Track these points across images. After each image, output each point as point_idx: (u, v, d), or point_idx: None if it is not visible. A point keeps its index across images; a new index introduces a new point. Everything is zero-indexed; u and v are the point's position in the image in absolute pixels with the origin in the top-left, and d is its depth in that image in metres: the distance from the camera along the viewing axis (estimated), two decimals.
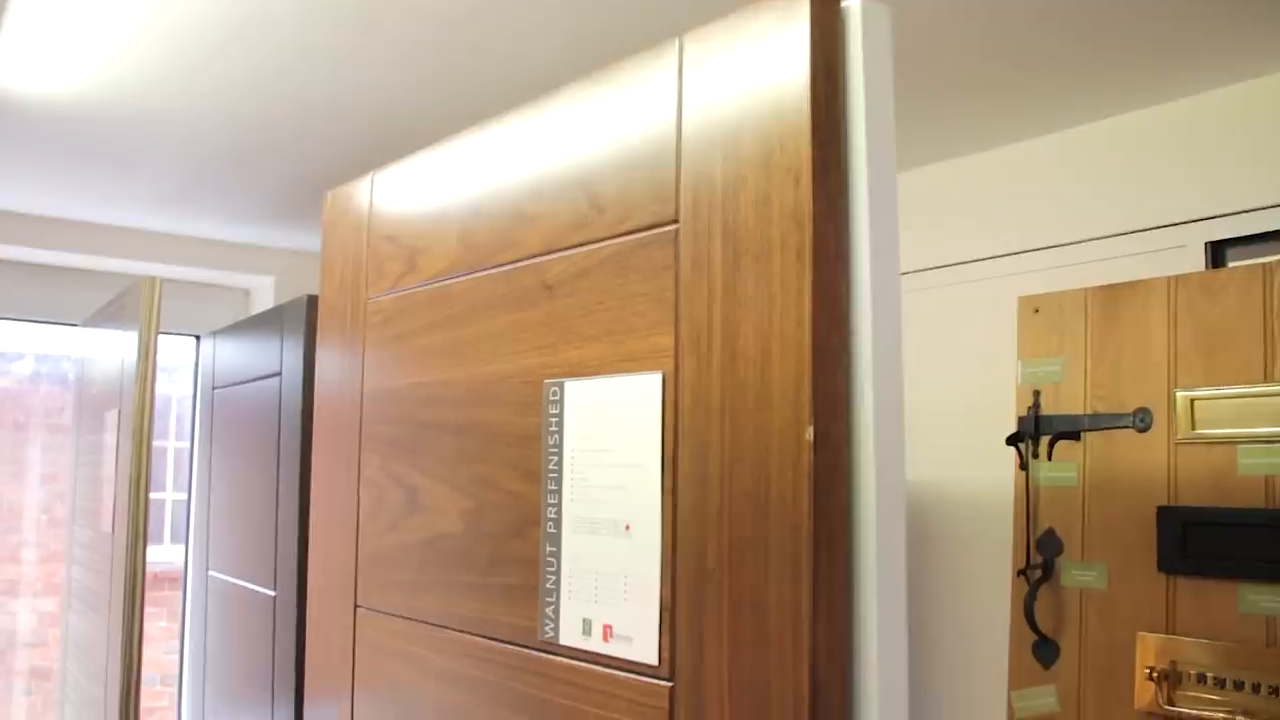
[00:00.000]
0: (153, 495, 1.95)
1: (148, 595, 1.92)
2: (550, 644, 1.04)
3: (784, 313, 0.87)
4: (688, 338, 0.94)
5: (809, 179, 0.87)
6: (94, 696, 2.09)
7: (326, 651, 1.40)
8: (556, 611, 1.03)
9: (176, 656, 3.07)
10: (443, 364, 1.22)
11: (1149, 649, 1.59)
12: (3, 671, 4.19)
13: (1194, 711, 1.55)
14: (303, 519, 1.89)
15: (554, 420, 1.05)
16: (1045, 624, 1.72)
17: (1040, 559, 1.73)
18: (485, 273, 1.17)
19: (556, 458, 1.04)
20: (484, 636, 1.12)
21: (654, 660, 0.94)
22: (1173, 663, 1.57)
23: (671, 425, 0.94)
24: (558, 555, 1.03)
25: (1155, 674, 1.58)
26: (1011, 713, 1.74)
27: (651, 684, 0.94)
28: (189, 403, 2.91)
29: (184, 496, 2.97)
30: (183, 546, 2.92)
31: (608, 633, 0.98)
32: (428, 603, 1.21)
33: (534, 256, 1.11)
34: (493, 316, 1.15)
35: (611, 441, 0.99)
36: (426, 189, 1.28)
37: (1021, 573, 1.74)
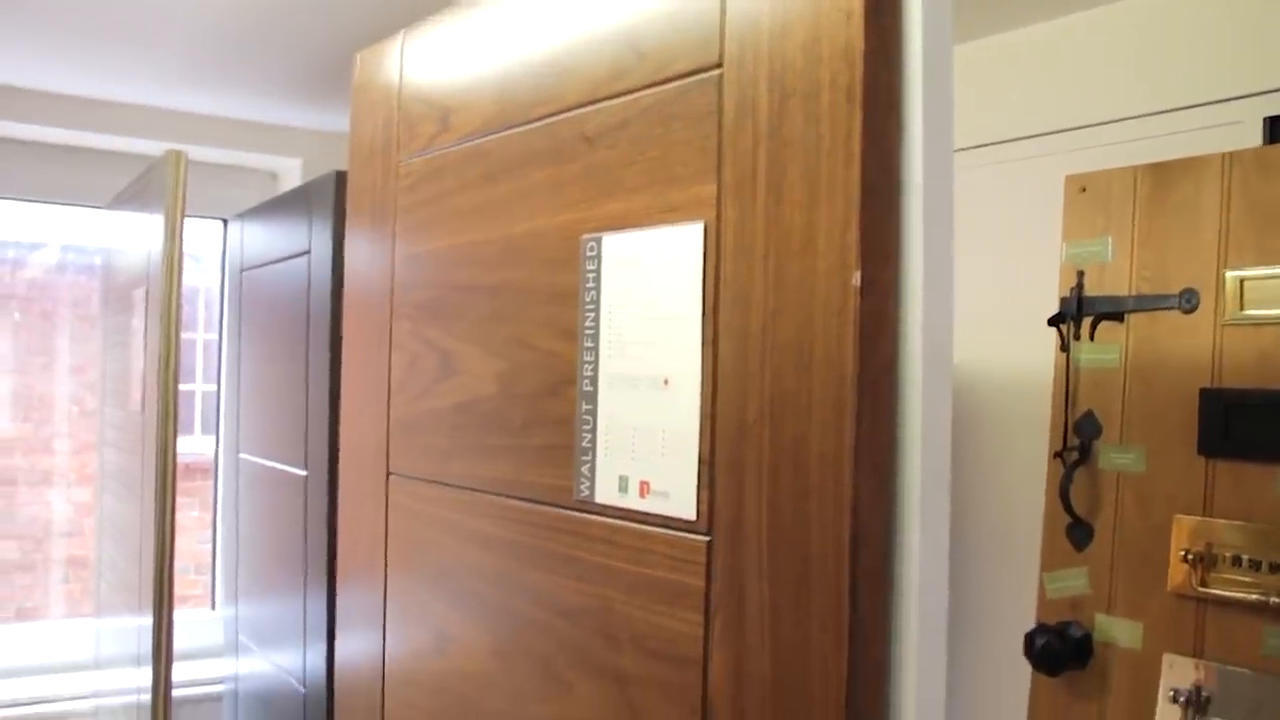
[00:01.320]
0: (182, 387, 1.95)
1: (180, 486, 1.93)
2: (585, 503, 1.03)
3: (832, 154, 0.84)
4: (731, 185, 0.91)
5: (860, 16, 0.83)
6: (129, 575, 2.12)
7: (359, 520, 1.40)
8: (592, 470, 1.02)
9: (209, 546, 3.11)
10: (476, 225, 1.19)
11: (1184, 531, 1.58)
12: (41, 560, 4.27)
13: (1227, 593, 1.54)
14: (333, 397, 1.88)
15: (591, 276, 1.03)
16: (1080, 506, 1.70)
17: (1078, 441, 1.70)
18: (521, 129, 1.14)
19: (593, 314, 1.02)
20: (518, 498, 1.11)
21: (692, 515, 0.92)
22: (1208, 545, 1.56)
23: (713, 276, 0.92)
24: (594, 413, 1.02)
25: (1190, 556, 1.56)
26: (1043, 594, 1.73)
27: (689, 539, 0.93)
28: (217, 294, 2.90)
29: (213, 387, 2.98)
30: (214, 437, 2.94)
31: (645, 489, 0.97)
32: (460, 467, 1.20)
33: (572, 109, 1.07)
34: (529, 173, 1.12)
35: (650, 295, 0.97)
36: (460, 46, 1.24)
37: (1058, 455, 1.72)
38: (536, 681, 1.08)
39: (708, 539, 0.91)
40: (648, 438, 0.96)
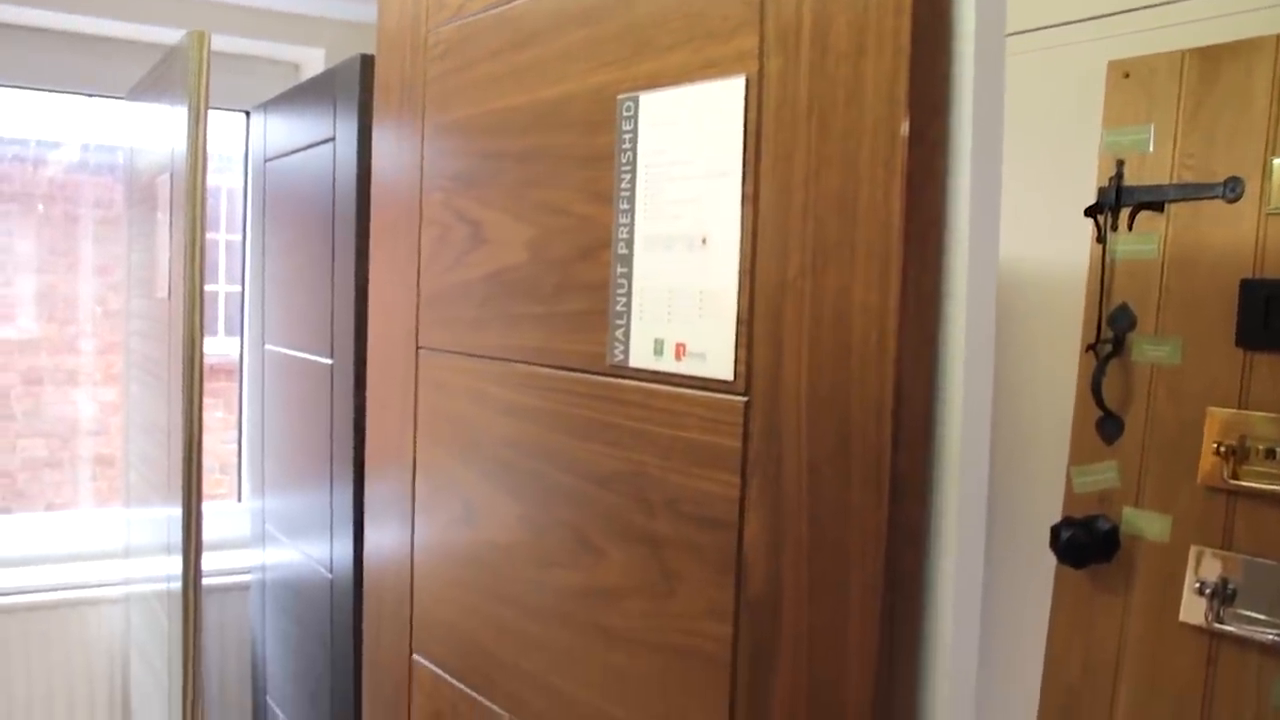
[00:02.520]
0: (206, 287, 1.94)
1: (205, 387, 1.93)
2: (619, 368, 1.02)
3: (881, 3, 0.81)
4: (774, 36, 0.88)
5: None
6: (158, 464, 2.14)
7: (388, 396, 1.39)
8: (626, 334, 1.00)
9: (234, 446, 3.13)
10: (507, 91, 1.17)
11: (1217, 424, 1.56)
12: (68, 458, 4.32)
13: (1259, 486, 1.52)
14: (360, 282, 1.87)
15: (627, 137, 1.00)
16: (1111, 400, 1.68)
17: (1111, 334, 1.68)
18: None
19: (629, 175, 1.00)
20: (549, 366, 1.10)
21: (729, 376, 0.91)
22: (1242, 438, 1.54)
23: (754, 130, 0.89)
24: (629, 276, 1.00)
25: (1222, 449, 1.55)
26: (1070, 488, 1.72)
27: (726, 400, 0.92)
28: (240, 194, 2.88)
29: (237, 288, 2.98)
30: (238, 337, 2.94)
31: (680, 351, 0.95)
32: (491, 338, 1.19)
33: None
34: (562, 35, 1.09)
35: (688, 154, 0.94)
36: None
37: (1090, 348, 1.70)
38: (567, 549, 1.08)
39: (745, 399, 0.90)
40: (684, 299, 0.95)
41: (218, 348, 4.23)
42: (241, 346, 2.76)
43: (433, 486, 1.29)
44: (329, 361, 2.04)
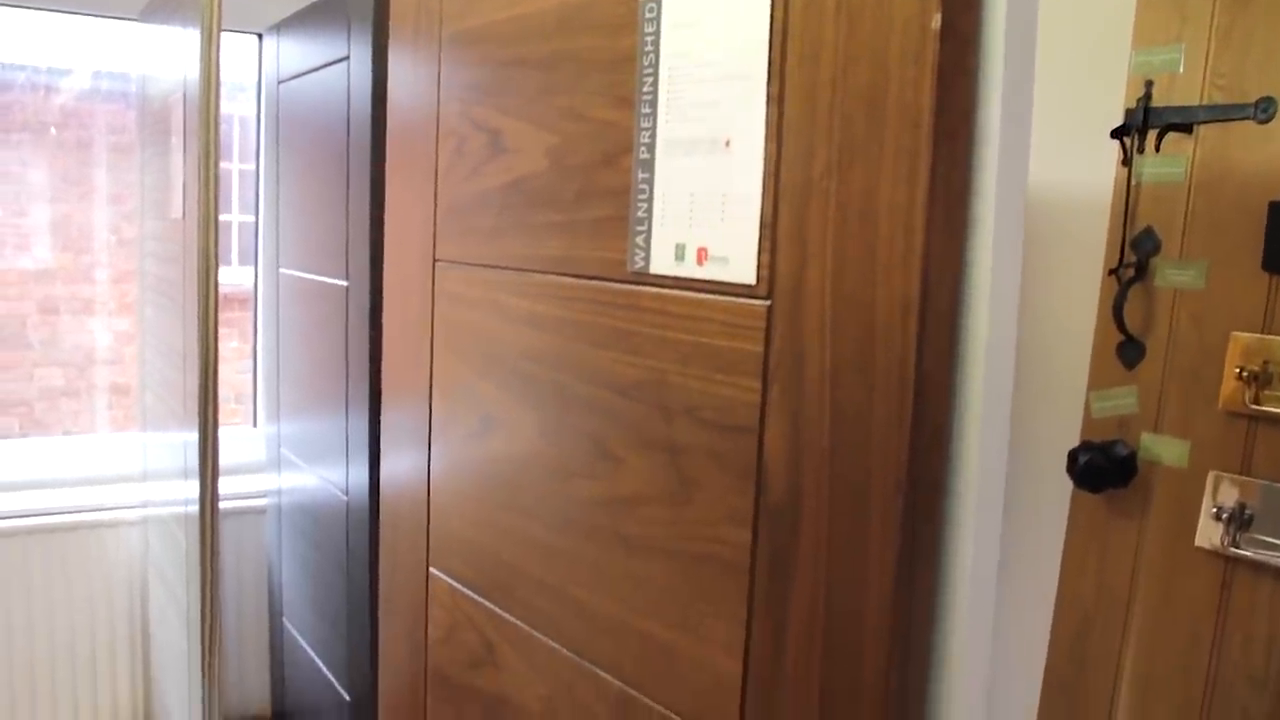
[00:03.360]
0: (220, 217, 1.93)
1: (220, 316, 1.93)
2: (640, 274, 1.01)
3: None
4: None
5: None
6: (174, 385, 2.14)
7: (405, 311, 1.39)
8: (647, 240, 0.99)
9: (250, 375, 3.14)
10: None
11: (1240, 348, 1.54)
12: (85, 387, 4.35)
13: None
14: (375, 201, 1.86)
15: (649, 39, 0.98)
16: (1133, 325, 1.67)
17: (1134, 258, 1.66)
18: None
19: (651, 78, 0.98)
20: (569, 275, 1.09)
21: (751, 280, 0.90)
22: (1264, 363, 1.52)
23: (780, 29, 0.87)
24: (650, 181, 0.98)
25: (1244, 374, 1.54)
26: (1088, 412, 1.71)
27: (747, 304, 0.91)
28: (252, 123, 2.85)
29: (251, 218, 2.96)
30: (252, 267, 2.93)
31: (702, 256, 0.94)
32: (509, 248, 1.18)
33: None
34: None
35: (712, 55, 0.92)
36: None
37: (1113, 272, 1.68)
38: (585, 458, 1.08)
39: (767, 303, 0.89)
40: (706, 203, 0.93)
41: (232, 277, 4.24)
42: (256, 273, 2.75)
43: (450, 401, 1.29)
44: (344, 284, 2.03)
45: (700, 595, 0.96)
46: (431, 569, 1.34)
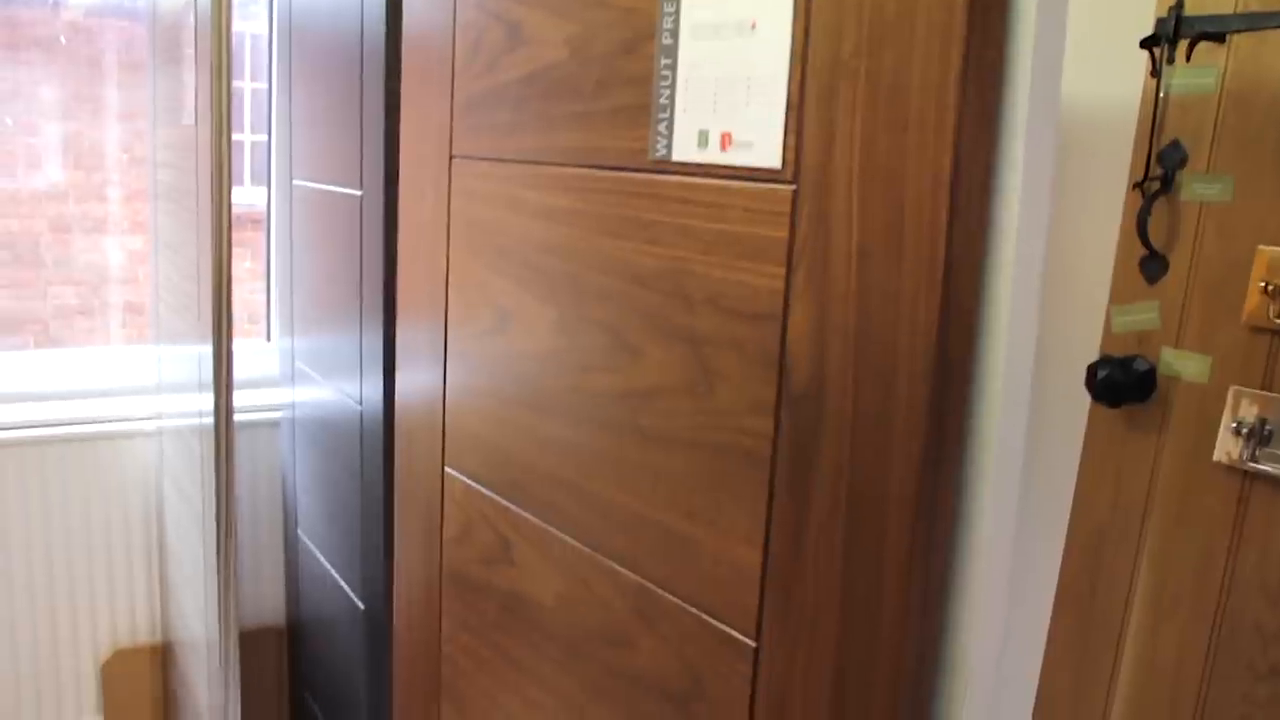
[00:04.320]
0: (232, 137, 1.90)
1: (234, 236, 1.91)
2: (661, 163, 0.99)
3: None
4: None
5: None
6: (187, 292, 2.14)
7: (419, 208, 1.37)
8: (670, 127, 0.97)
9: (263, 296, 3.13)
10: None
11: (1266, 262, 1.52)
12: (98, 306, 4.35)
13: None
14: (390, 102, 1.84)
15: None
16: (1156, 239, 1.65)
17: (1160, 172, 1.63)
18: None
19: None
20: (588, 166, 1.08)
21: (776, 164, 0.88)
22: None
23: None
24: (673, 67, 0.96)
25: (1270, 288, 1.52)
26: (1108, 327, 1.70)
27: (772, 189, 0.89)
28: (263, 41, 2.81)
29: (264, 138, 2.93)
30: (265, 188, 2.91)
31: (726, 141, 0.92)
32: (527, 140, 1.16)
33: None
34: None
35: None
36: None
37: (1137, 186, 1.65)
38: (604, 352, 1.07)
39: (793, 187, 0.87)
40: (731, 87, 0.91)
41: (244, 197, 4.22)
42: (269, 189, 2.73)
43: (465, 299, 1.28)
44: (358, 193, 2.01)
45: (720, 486, 0.95)
46: (447, 468, 1.34)
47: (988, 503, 0.83)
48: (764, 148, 0.89)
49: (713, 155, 0.93)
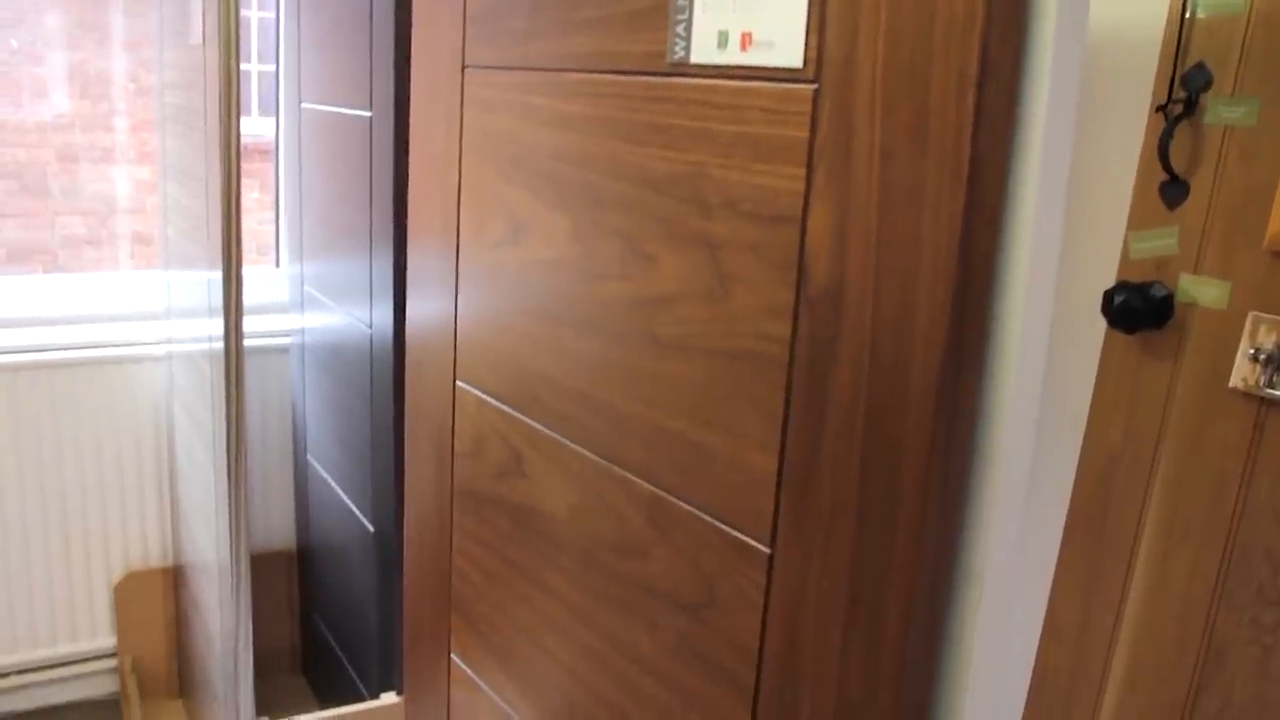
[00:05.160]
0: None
1: (242, 168, 1.89)
2: (679, 65, 0.97)
3: None
4: None
5: None
6: (195, 213, 2.12)
7: (431, 118, 1.35)
8: (688, 28, 0.95)
9: (272, 227, 3.11)
10: None
11: None
12: (106, 236, 4.34)
13: None
14: (400, 19, 1.81)
15: None
16: (1178, 163, 1.62)
17: (1184, 95, 1.61)
18: None
19: None
20: (604, 71, 1.06)
21: (798, 63, 0.86)
22: None
23: None
24: None
25: None
26: (1126, 253, 1.68)
27: (794, 89, 0.87)
28: None
29: (271, 68, 2.89)
30: (273, 118, 2.88)
31: (746, 41, 0.90)
32: (542, 47, 1.14)
33: None
34: None
35: None
36: None
37: (1160, 109, 1.63)
38: (618, 259, 1.06)
39: (814, 86, 0.85)
40: None
41: (251, 128, 4.18)
42: (277, 110, 2.70)
43: (478, 211, 1.27)
44: (367, 114, 1.99)
45: (735, 392, 0.95)
46: (458, 383, 1.34)
47: (1008, 407, 0.82)
48: (785, 47, 0.87)
49: (732, 56, 0.91)
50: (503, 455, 1.27)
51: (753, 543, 0.95)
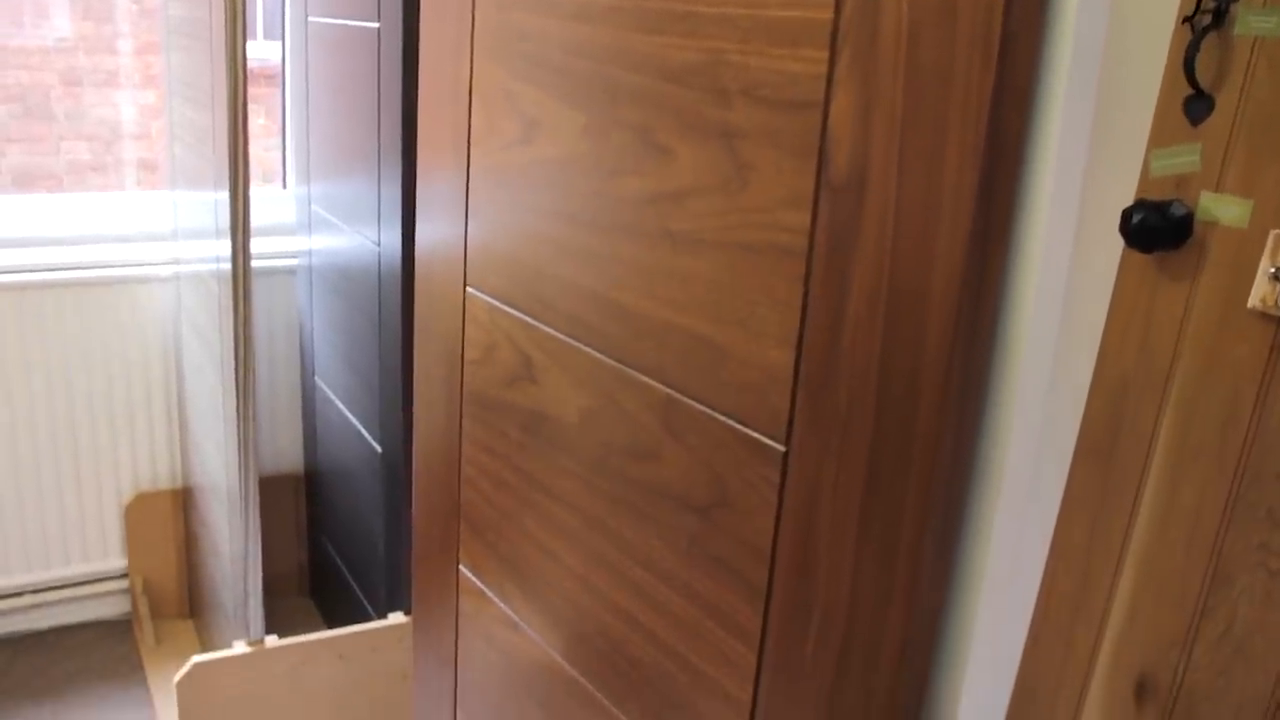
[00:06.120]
0: None
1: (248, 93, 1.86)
2: None
3: None
4: None
5: None
6: (201, 127, 2.09)
7: (443, 16, 1.32)
8: None
9: (278, 154, 3.08)
10: None
11: None
12: (112, 162, 4.30)
13: None
14: None
15: None
16: (1204, 77, 1.58)
17: (1213, 4, 1.56)
18: None
19: None
20: None
21: None
22: None
23: None
24: None
25: None
26: (1147, 171, 1.65)
27: None
28: None
29: None
30: (279, 42, 2.83)
31: None
32: None
33: None
34: None
35: None
36: None
37: (1187, 20, 1.58)
38: (633, 154, 1.03)
39: None
40: None
41: (257, 51, 4.12)
42: (283, 26, 2.66)
43: (490, 110, 1.24)
44: (375, 25, 1.95)
45: (751, 286, 0.93)
46: (469, 289, 1.32)
47: (1033, 294, 0.80)
48: None
49: None
50: (513, 361, 1.26)
51: (768, 441, 0.94)
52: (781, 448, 0.93)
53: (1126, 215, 1.66)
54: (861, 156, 0.82)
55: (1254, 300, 1.53)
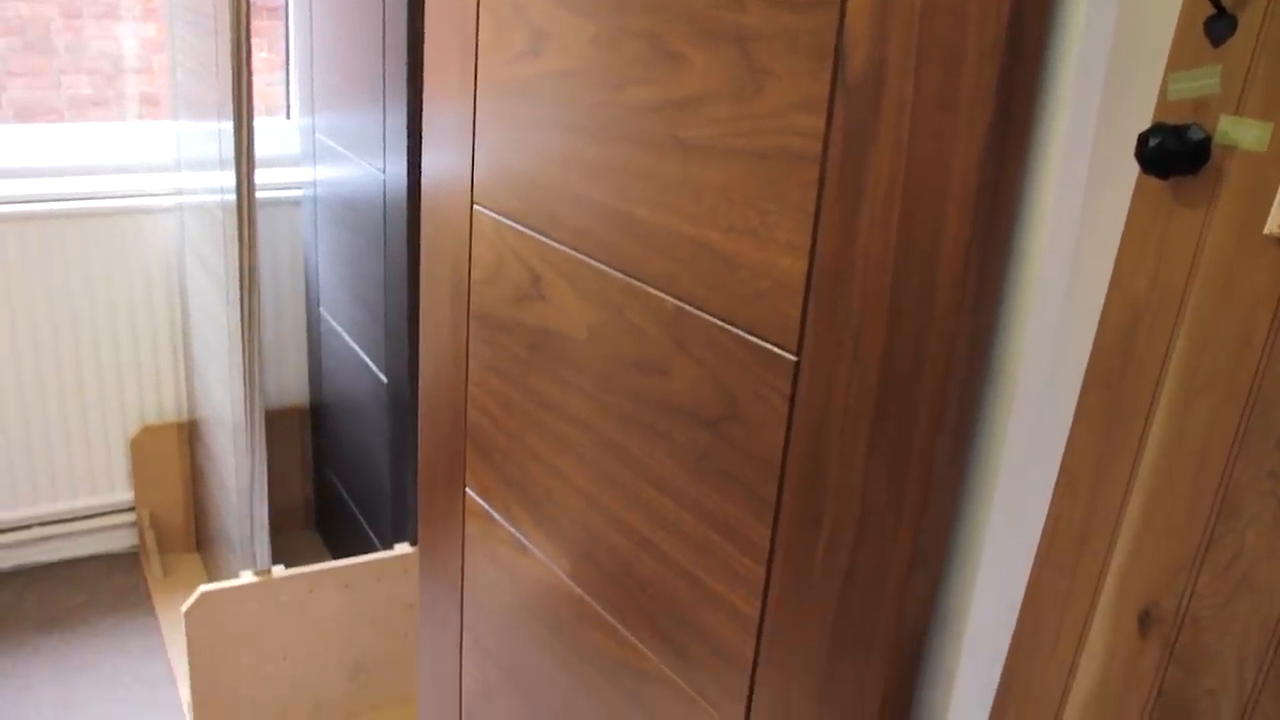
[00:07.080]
0: None
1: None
2: None
3: None
4: None
5: None
6: (204, 52, 2.07)
7: None
8: None
9: (281, 89, 3.04)
10: None
11: None
12: (114, 96, 4.26)
13: None
14: None
15: None
16: None
17: None
18: None
19: None
20: None
21: None
22: None
23: None
24: None
25: None
26: (1164, 94, 1.62)
27: None
28: None
29: None
30: None
31: None
32: None
33: None
34: None
35: None
36: None
37: None
38: (642, 62, 1.01)
39: None
40: None
41: None
42: None
43: (497, 22, 1.22)
44: None
45: (763, 194, 0.91)
46: (476, 205, 1.30)
47: (1051, 201, 0.79)
48: None
49: None
50: (521, 278, 1.24)
51: (778, 350, 0.93)
52: (793, 357, 0.92)
53: (1143, 139, 1.63)
54: (879, 55, 0.80)
55: (1271, 226, 1.51)
